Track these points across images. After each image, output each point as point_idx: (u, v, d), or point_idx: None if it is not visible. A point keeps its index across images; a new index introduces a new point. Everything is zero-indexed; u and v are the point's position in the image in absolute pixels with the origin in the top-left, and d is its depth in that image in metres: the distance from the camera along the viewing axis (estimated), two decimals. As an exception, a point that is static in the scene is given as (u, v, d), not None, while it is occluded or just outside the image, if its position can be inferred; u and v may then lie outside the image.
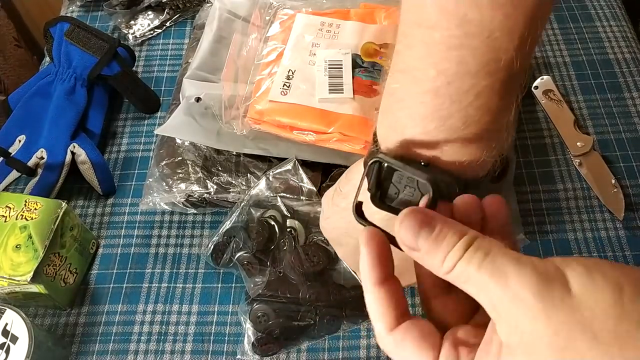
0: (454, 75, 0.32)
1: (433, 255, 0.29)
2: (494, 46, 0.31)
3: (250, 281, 0.59)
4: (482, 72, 0.31)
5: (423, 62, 0.33)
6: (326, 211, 0.48)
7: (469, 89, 0.32)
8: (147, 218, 0.66)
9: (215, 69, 0.70)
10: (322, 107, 0.64)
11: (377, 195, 0.37)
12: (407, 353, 0.31)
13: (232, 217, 0.62)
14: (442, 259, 0.29)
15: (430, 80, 0.33)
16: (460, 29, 0.30)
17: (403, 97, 0.35)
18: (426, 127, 0.34)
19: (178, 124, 0.64)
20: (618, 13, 0.80)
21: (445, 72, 0.32)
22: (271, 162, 0.64)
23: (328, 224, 0.48)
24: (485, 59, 0.31)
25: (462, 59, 0.31)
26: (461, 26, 0.30)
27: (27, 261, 0.54)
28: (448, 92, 0.32)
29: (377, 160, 0.36)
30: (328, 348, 0.57)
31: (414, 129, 0.35)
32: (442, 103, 0.33)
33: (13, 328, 0.52)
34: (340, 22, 0.70)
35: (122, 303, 0.61)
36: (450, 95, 0.32)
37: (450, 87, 0.32)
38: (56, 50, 0.73)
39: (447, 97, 0.33)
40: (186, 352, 0.58)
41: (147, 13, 0.83)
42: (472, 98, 0.32)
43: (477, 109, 0.33)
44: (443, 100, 0.33)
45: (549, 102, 0.72)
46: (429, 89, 0.33)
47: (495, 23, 0.30)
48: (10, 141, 0.70)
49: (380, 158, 0.36)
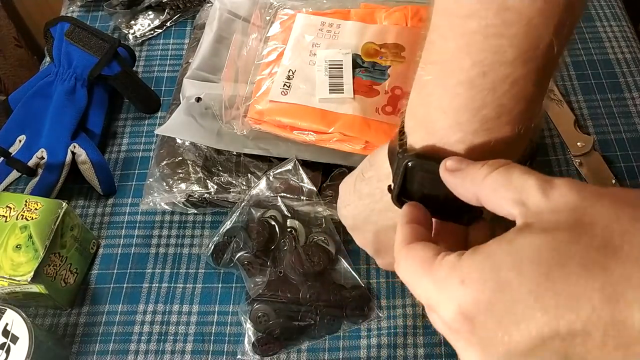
0: (491, 65, 0.31)
1: (473, 166, 0.31)
2: (533, 33, 0.30)
3: (250, 281, 0.59)
4: (519, 60, 0.31)
5: (458, 52, 0.32)
6: (346, 198, 0.47)
7: (505, 78, 0.31)
8: (147, 218, 0.66)
9: (216, 69, 0.70)
10: (322, 107, 0.64)
11: (400, 194, 0.37)
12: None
13: (232, 217, 0.62)
14: (481, 165, 0.31)
15: (465, 70, 0.32)
16: (498, 17, 0.30)
17: (435, 90, 0.34)
18: (459, 119, 0.33)
19: (178, 124, 0.64)
20: (618, 13, 0.80)
21: (481, 62, 0.31)
22: (271, 162, 0.64)
23: (348, 211, 0.47)
24: (523, 47, 0.30)
25: (499, 48, 0.30)
26: (499, 14, 0.29)
27: (28, 261, 0.54)
28: (483, 82, 0.32)
29: (407, 161, 0.36)
30: (328, 348, 0.57)
31: (445, 121, 0.34)
32: (477, 94, 0.32)
33: (13, 328, 0.52)
34: (340, 22, 0.70)
35: (123, 303, 0.61)
36: (486, 86, 0.32)
37: (486, 77, 0.32)
38: (56, 50, 0.73)
39: (482, 88, 0.32)
40: (186, 352, 0.58)
41: (147, 13, 0.83)
42: (508, 87, 0.32)
43: (511, 98, 0.32)
44: (478, 91, 0.32)
45: (549, 102, 0.72)
46: (464, 79, 0.32)
47: (534, 8, 0.29)
48: (11, 141, 0.70)
49: (409, 159, 0.36)
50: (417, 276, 0.31)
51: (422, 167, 0.35)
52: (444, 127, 0.34)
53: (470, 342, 0.28)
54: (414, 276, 0.31)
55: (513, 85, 0.32)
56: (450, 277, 0.28)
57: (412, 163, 0.36)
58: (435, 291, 0.29)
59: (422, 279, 0.30)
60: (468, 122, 0.33)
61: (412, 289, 0.31)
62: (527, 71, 0.31)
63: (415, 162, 0.35)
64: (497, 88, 0.32)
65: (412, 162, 0.35)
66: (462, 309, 0.27)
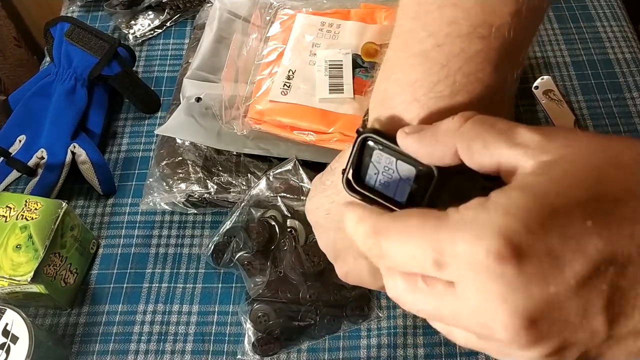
0: (445, 37, 0.31)
1: (440, 122, 0.29)
2: (488, 8, 0.30)
3: (250, 281, 0.59)
4: (473, 35, 0.31)
5: (414, 23, 0.32)
6: (312, 191, 0.44)
7: (459, 53, 0.31)
8: (147, 218, 0.66)
9: (216, 69, 0.70)
10: (322, 107, 0.64)
11: (354, 177, 0.34)
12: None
13: (232, 217, 0.62)
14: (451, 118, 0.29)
15: (420, 42, 0.32)
16: None
17: (394, 63, 0.34)
18: (415, 93, 0.33)
19: (178, 124, 0.64)
20: (618, 13, 0.80)
21: (435, 33, 0.31)
22: (271, 162, 0.64)
23: (312, 204, 0.43)
24: (477, 21, 0.30)
25: (453, 19, 0.31)
26: None
27: (28, 261, 0.54)
28: (437, 56, 0.31)
29: (364, 137, 0.33)
30: (328, 348, 0.57)
31: (402, 96, 0.33)
32: (432, 67, 0.32)
33: (13, 328, 0.52)
34: (340, 22, 0.70)
35: (123, 303, 0.61)
36: (440, 59, 0.31)
37: (440, 50, 0.31)
38: (56, 50, 0.73)
39: (437, 61, 0.32)
40: (186, 352, 0.58)
41: (147, 13, 0.83)
42: (462, 63, 0.31)
43: (466, 76, 0.32)
44: (432, 64, 0.32)
45: (549, 102, 0.72)
46: (419, 51, 0.32)
47: None
48: (11, 141, 0.70)
49: (360, 132, 0.33)
50: (421, 232, 0.26)
51: (377, 142, 0.33)
52: (400, 102, 0.34)
53: (506, 287, 0.24)
54: (417, 233, 0.26)
55: (468, 63, 0.31)
56: (480, 216, 0.25)
57: (366, 137, 0.33)
58: (461, 234, 0.25)
59: (429, 235, 0.26)
60: (424, 98, 0.32)
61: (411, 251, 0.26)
62: (483, 49, 0.31)
63: (370, 136, 0.33)
64: (451, 63, 0.31)
65: (366, 136, 0.33)
66: (510, 238, 0.23)
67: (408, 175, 0.32)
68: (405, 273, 0.28)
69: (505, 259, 0.23)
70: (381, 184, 0.34)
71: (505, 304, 0.24)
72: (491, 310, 0.24)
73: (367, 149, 0.33)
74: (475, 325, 0.26)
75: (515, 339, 0.24)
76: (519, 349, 0.25)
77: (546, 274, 0.23)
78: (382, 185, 0.33)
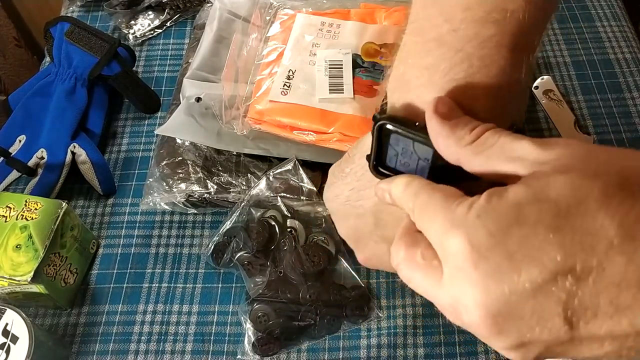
0: (460, 22, 0.32)
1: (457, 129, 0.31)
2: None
3: (250, 281, 0.59)
4: (488, 19, 0.31)
5: (430, 10, 0.33)
6: (330, 179, 0.45)
7: (474, 37, 0.32)
8: (147, 218, 0.66)
9: (216, 69, 0.70)
10: (322, 107, 0.64)
11: (376, 160, 0.36)
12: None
13: (232, 217, 0.62)
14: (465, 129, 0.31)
15: (436, 27, 0.33)
16: None
17: (410, 48, 0.35)
18: (432, 76, 0.34)
19: (178, 124, 0.64)
20: (618, 13, 0.80)
21: (451, 19, 0.32)
22: (271, 162, 0.64)
23: (331, 192, 0.45)
24: (492, 6, 0.31)
25: (468, 5, 0.31)
26: None
27: (28, 261, 0.54)
28: (453, 40, 0.32)
29: (381, 123, 0.35)
30: (328, 348, 0.57)
31: (419, 80, 0.34)
32: (447, 52, 0.33)
33: (13, 328, 0.52)
34: (340, 22, 0.70)
35: (123, 303, 0.61)
36: (455, 44, 0.32)
37: (455, 34, 0.32)
38: (56, 50, 0.73)
39: (452, 46, 0.33)
40: (186, 352, 0.58)
41: (147, 13, 0.83)
42: (477, 47, 0.32)
43: (482, 60, 0.32)
44: (448, 48, 0.33)
45: (549, 102, 0.72)
46: (434, 36, 0.33)
47: None
48: (11, 141, 0.70)
49: (377, 119, 0.35)
50: (435, 211, 0.30)
51: (394, 125, 0.34)
52: (418, 85, 0.35)
53: (471, 279, 0.27)
54: (433, 210, 0.30)
55: (482, 47, 0.32)
56: (467, 214, 0.28)
57: (385, 123, 0.35)
58: (449, 225, 0.28)
59: (438, 216, 0.29)
60: (441, 81, 0.33)
61: (427, 228, 0.30)
62: (497, 34, 0.32)
63: (389, 122, 0.35)
64: (466, 48, 0.32)
65: (385, 122, 0.35)
66: (472, 241, 0.27)
67: (426, 155, 0.34)
68: (409, 245, 0.31)
69: (463, 258, 0.27)
70: (402, 164, 0.36)
71: (467, 296, 0.27)
72: (459, 296, 0.28)
73: (385, 133, 0.35)
74: (448, 307, 0.29)
75: (480, 327, 0.27)
76: (483, 337, 0.28)
77: (502, 275, 0.26)
78: (403, 166, 0.36)
